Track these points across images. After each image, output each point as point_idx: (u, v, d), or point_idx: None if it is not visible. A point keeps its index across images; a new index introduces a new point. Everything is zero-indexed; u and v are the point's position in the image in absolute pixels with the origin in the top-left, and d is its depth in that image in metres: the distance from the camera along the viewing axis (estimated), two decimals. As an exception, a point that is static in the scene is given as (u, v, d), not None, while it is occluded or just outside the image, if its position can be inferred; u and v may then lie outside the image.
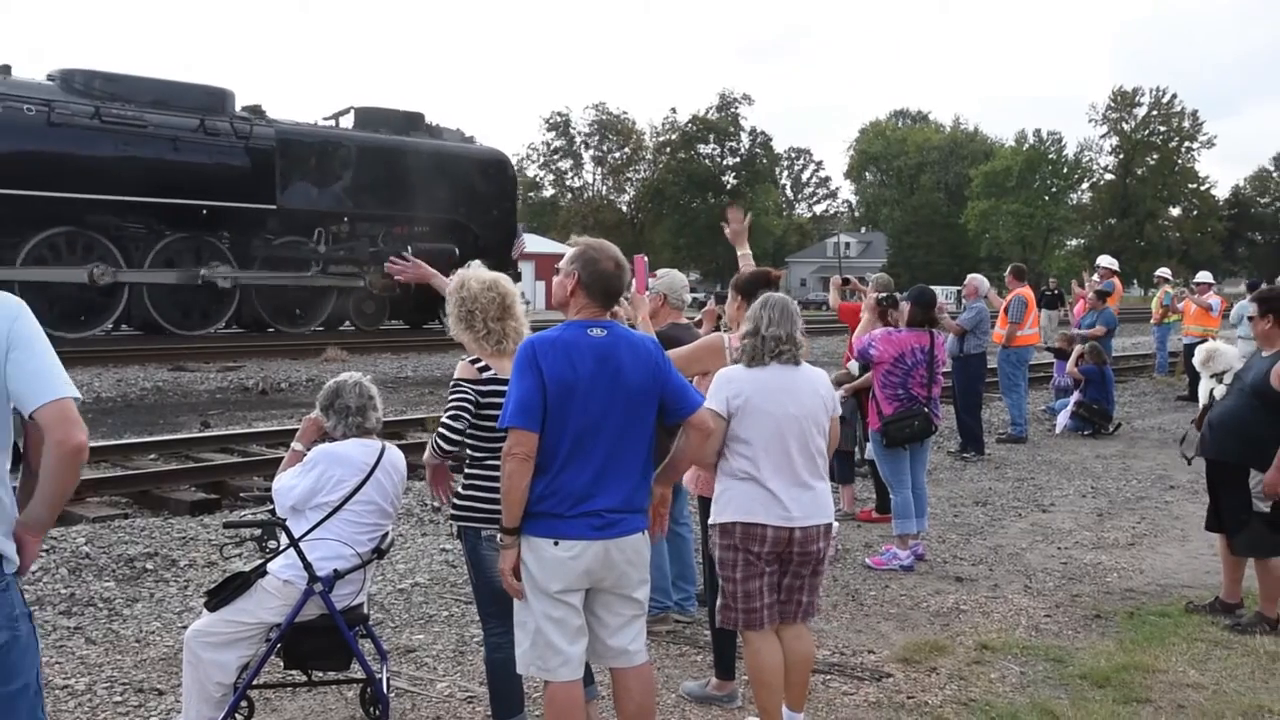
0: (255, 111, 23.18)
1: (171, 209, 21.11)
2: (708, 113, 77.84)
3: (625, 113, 77.58)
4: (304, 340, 22.89)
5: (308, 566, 3.86)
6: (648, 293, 5.61)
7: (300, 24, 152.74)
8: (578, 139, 77.05)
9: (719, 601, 4.02)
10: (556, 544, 3.36)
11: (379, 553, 4.15)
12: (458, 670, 4.92)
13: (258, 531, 4.15)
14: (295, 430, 4.45)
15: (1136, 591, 6.31)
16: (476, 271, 4.15)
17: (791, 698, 4.07)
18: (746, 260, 5.50)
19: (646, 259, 4.67)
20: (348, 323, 25.84)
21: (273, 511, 4.14)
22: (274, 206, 22.21)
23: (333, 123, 25.28)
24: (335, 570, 3.92)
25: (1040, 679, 4.85)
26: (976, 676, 4.86)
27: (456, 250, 23.35)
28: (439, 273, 4.67)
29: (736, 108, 78.11)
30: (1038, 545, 7.35)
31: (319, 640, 4.00)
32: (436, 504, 4.19)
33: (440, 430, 3.83)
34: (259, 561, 4.02)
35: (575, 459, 3.37)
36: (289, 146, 22.65)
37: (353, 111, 25.57)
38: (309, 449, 4.14)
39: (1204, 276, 17.31)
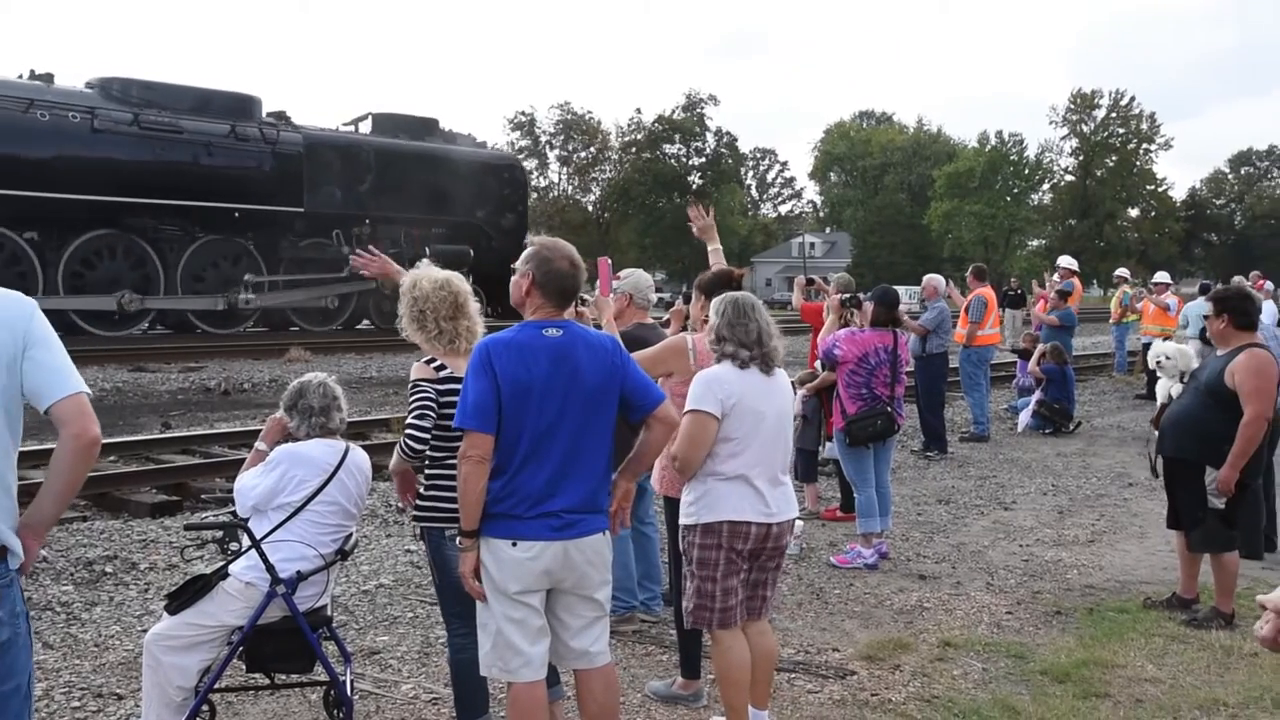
0: (280, 117, 23.87)
1: (205, 211, 21.87)
2: (673, 113, 77.88)
3: (590, 112, 77.41)
4: (266, 340, 22.85)
5: (270, 568, 3.83)
6: (612, 294, 5.61)
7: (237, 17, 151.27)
8: (543, 138, 76.79)
9: (693, 602, 4.00)
10: (515, 545, 3.35)
11: (342, 554, 4.11)
12: (422, 671, 4.90)
13: (219, 533, 4.12)
14: (258, 431, 4.40)
15: (1096, 588, 6.39)
16: (428, 271, 4.12)
17: (756, 695, 4.09)
18: (717, 256, 5.51)
19: (610, 261, 4.64)
20: (366, 321, 26.52)
21: (234, 513, 4.10)
22: (301, 210, 22.96)
23: (352, 128, 26.01)
24: (298, 572, 3.89)
25: (1002, 675, 4.90)
26: (939, 673, 4.91)
27: (471, 251, 24.36)
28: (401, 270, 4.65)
29: (702, 108, 78.21)
30: (1000, 543, 7.43)
31: (282, 642, 3.96)
32: (402, 506, 4.15)
33: (407, 432, 3.80)
34: (220, 563, 3.98)
35: (533, 460, 3.35)
36: (315, 152, 23.39)
37: (370, 117, 26.28)
38: (272, 449, 4.11)
39: (1161, 277, 17.58)
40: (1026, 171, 70.10)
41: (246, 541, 3.90)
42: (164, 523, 7.48)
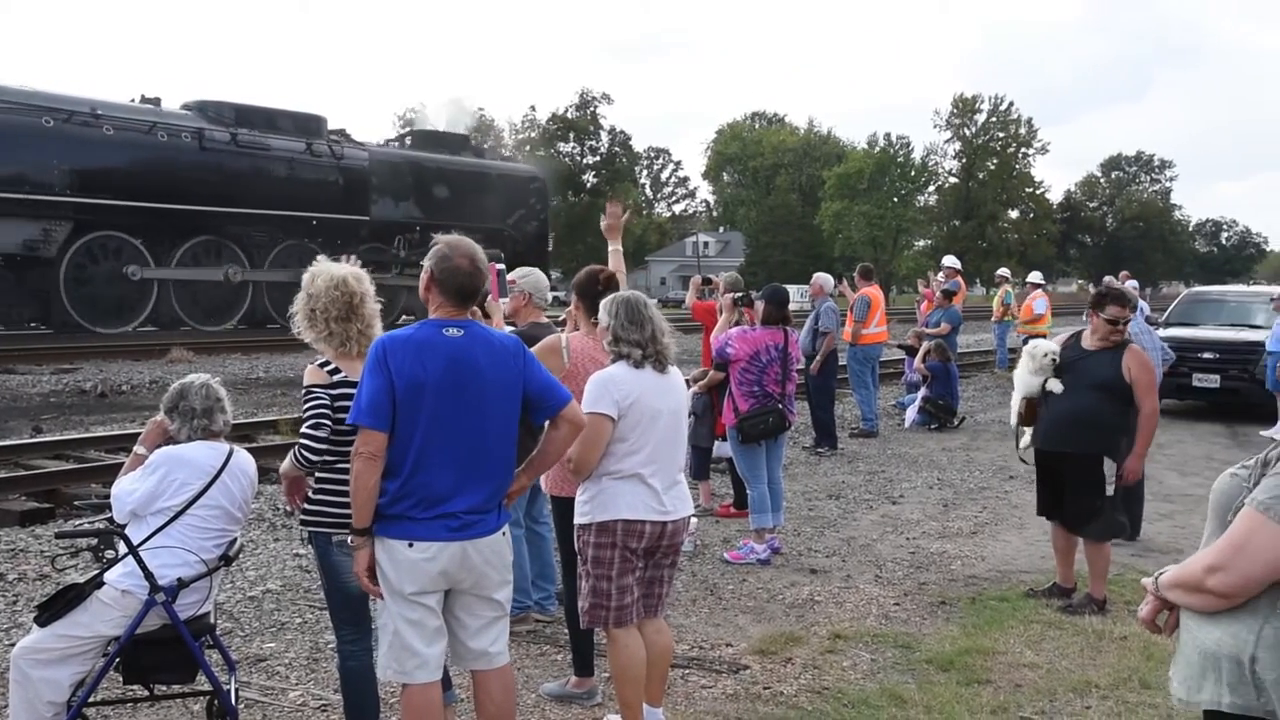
0: (342, 135, 27.20)
1: (286, 219, 25.02)
2: (568, 111, 77.76)
3: (483, 110, 76.76)
4: (146, 340, 22.24)
5: (149, 575, 3.69)
6: (510, 293, 5.59)
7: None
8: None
9: (588, 601, 4.00)
10: (411, 546, 3.31)
11: (226, 559, 4.00)
12: (311, 678, 4.79)
13: (94, 540, 3.96)
14: (138, 434, 4.24)
15: (978, 578, 6.59)
16: (327, 266, 3.96)
17: (651, 692, 4.11)
18: (617, 256, 5.52)
19: (501, 266, 4.62)
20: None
21: (111, 519, 3.94)
22: (367, 218, 26.24)
23: (397, 143, 29.71)
24: (179, 578, 3.76)
25: (889, 665, 5.02)
26: (829, 665, 5.00)
27: (502, 254, 26.23)
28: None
29: (596, 107, 78.29)
30: (888, 536, 7.61)
31: (162, 652, 3.83)
32: (289, 510, 4.03)
33: (301, 442, 3.67)
34: (95, 572, 3.82)
35: (430, 460, 3.31)
36: (378, 166, 26.78)
37: (411, 133, 30.85)
38: (152, 452, 3.96)
39: (1035, 277, 18.26)
40: (913, 174, 71.81)
41: (123, 548, 3.76)
42: (34, 531, 7.17)
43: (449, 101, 76.26)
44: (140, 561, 3.70)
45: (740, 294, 7.70)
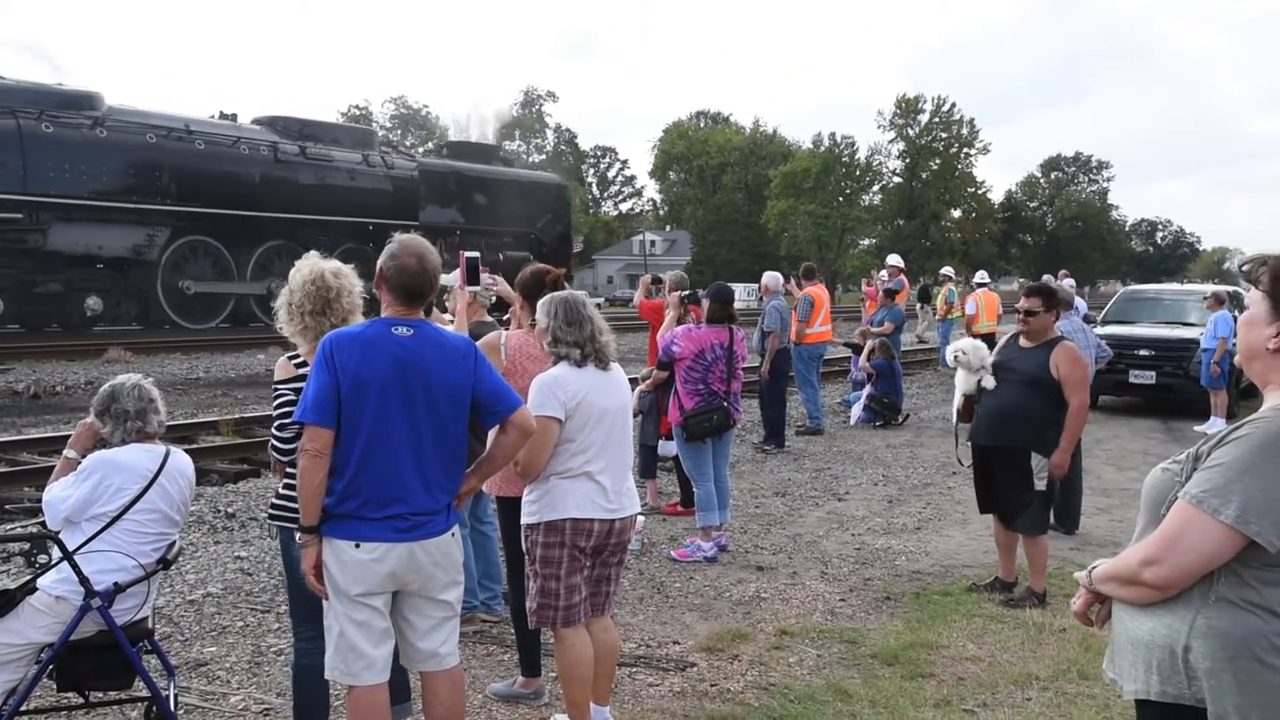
0: (391, 147, 30.75)
1: (347, 225, 27.08)
2: (513, 109, 77.50)
3: (426, 107, 76.26)
4: (82, 340, 21.80)
5: (84, 580, 3.61)
6: (483, 283, 5.55)
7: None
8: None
9: (536, 601, 3.97)
10: (358, 546, 3.27)
11: (165, 563, 3.92)
12: (253, 682, 4.71)
13: (26, 545, 3.86)
14: (70, 436, 4.14)
15: (923, 573, 6.67)
16: (310, 261, 3.88)
17: (598, 691, 4.10)
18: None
19: (475, 255, 4.56)
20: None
21: (44, 524, 3.85)
22: (418, 223, 27.49)
23: (435, 155, 32.82)
24: (115, 583, 3.68)
25: (835, 660, 5.06)
26: (776, 661, 5.03)
27: (531, 256, 28.62)
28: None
29: (542, 104, 78.11)
30: (834, 533, 7.67)
31: (98, 659, 3.74)
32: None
33: (272, 443, 3.66)
34: (28, 577, 3.73)
35: (376, 459, 3.28)
36: (426, 177, 29.36)
37: (446, 147, 34.20)
38: (83, 456, 3.87)
39: (980, 277, 18.53)
40: (857, 173, 72.45)
41: (57, 553, 3.66)
42: (-34, 536, 6.97)
43: (391, 99, 75.79)
44: (75, 567, 3.62)
45: (687, 292, 7.72)
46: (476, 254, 5.22)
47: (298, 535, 3.38)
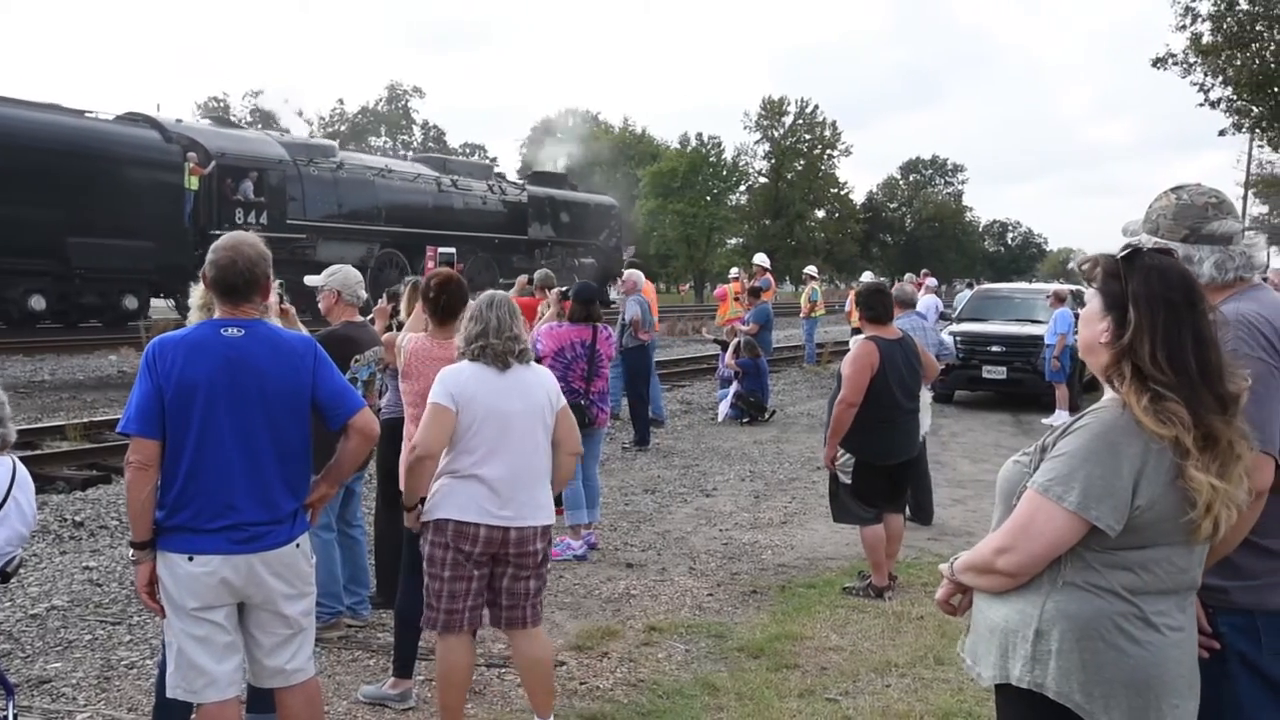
0: (501, 176, 37.25)
1: (478, 239, 33.04)
2: (378, 104, 75.94)
3: (288, 101, 74.13)
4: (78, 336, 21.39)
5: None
6: (323, 289, 5.43)
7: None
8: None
9: (425, 600, 3.92)
10: (191, 559, 3.14)
11: (3, 576, 3.69)
12: (102, 698, 4.50)
13: None
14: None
15: (788, 566, 6.82)
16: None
17: (535, 704, 4.06)
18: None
19: (451, 250, 4.52)
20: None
21: None
22: (526, 237, 34.67)
23: (526, 182, 38.43)
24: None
25: (703, 655, 5.14)
26: (645, 657, 5.07)
27: (594, 261, 36.71)
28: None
29: (407, 100, 76.75)
30: (701, 528, 7.78)
31: (-71, 680, 3.54)
32: None
33: None
34: None
35: (206, 467, 3.15)
36: (533, 202, 35.41)
37: (532, 175, 40.75)
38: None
39: (866, 277, 19.05)
40: (725, 173, 73.40)
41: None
42: None
43: (251, 93, 73.36)
44: (-98, 582, 3.39)
45: (565, 289, 7.75)
46: (451, 249, 5.27)
47: (130, 552, 3.24)
